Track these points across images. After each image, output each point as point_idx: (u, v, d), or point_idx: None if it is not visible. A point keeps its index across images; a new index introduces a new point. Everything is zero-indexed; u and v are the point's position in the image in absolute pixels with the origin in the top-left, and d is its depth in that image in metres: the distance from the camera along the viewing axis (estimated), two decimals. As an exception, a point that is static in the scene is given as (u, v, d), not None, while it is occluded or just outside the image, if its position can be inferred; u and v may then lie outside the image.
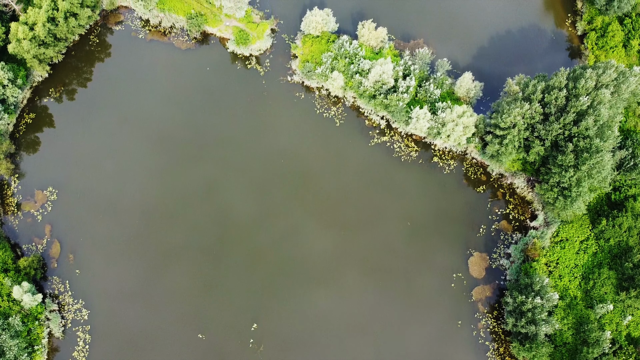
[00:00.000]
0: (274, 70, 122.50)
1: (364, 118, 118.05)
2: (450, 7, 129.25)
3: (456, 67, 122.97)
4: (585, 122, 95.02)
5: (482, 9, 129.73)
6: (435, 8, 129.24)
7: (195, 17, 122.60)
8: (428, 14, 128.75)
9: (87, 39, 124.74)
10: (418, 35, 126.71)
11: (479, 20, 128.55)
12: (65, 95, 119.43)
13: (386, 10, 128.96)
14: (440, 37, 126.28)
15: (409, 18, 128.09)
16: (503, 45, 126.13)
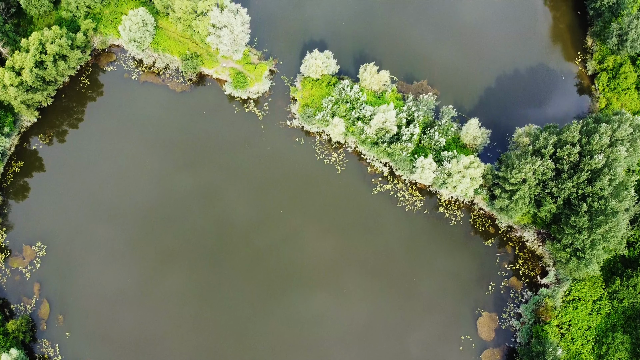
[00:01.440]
0: (273, 114, 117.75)
1: (367, 165, 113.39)
2: (455, 47, 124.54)
3: (461, 109, 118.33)
4: (600, 182, 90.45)
5: (489, 49, 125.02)
6: (439, 49, 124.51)
7: (191, 58, 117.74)
8: (432, 54, 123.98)
9: (77, 80, 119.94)
10: (422, 76, 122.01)
11: (485, 60, 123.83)
12: (55, 141, 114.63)
13: (389, 50, 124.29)
14: (444, 78, 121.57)
15: (413, 59, 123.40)
16: (511, 86, 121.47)
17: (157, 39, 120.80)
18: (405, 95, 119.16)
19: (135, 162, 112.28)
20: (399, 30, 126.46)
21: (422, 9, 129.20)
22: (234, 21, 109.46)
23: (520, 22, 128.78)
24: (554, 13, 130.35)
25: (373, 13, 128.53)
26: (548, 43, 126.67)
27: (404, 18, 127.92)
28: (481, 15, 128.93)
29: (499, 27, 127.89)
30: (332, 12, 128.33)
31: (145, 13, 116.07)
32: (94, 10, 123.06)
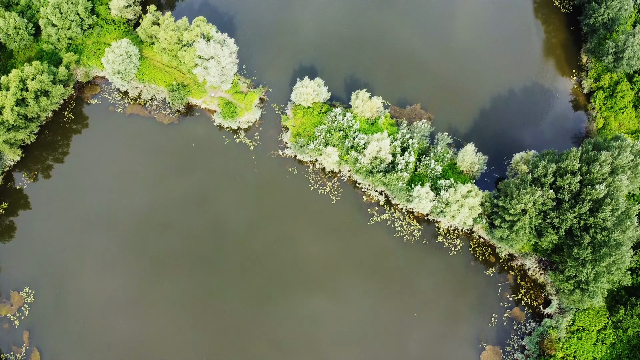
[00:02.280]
0: (264, 143, 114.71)
1: (362, 194, 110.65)
2: (448, 70, 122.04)
3: (456, 133, 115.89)
4: (602, 213, 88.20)
5: (482, 69, 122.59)
6: (431, 71, 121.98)
7: (178, 89, 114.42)
8: (424, 77, 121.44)
9: (61, 114, 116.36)
10: (414, 100, 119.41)
11: (478, 81, 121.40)
12: (40, 179, 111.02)
13: (380, 74, 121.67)
14: (438, 101, 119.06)
15: (405, 82, 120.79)
16: (505, 107, 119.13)
17: (143, 69, 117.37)
18: (399, 120, 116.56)
19: (123, 198, 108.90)
20: (390, 54, 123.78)
21: (414, 32, 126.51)
22: (221, 52, 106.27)
23: (513, 41, 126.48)
24: (547, 30, 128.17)
25: (363, 37, 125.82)
26: (542, 61, 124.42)
27: (395, 41, 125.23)
28: (473, 36, 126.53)
29: (491, 47, 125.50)
30: (322, 37, 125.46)
31: (128, 45, 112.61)
32: (76, 41, 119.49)
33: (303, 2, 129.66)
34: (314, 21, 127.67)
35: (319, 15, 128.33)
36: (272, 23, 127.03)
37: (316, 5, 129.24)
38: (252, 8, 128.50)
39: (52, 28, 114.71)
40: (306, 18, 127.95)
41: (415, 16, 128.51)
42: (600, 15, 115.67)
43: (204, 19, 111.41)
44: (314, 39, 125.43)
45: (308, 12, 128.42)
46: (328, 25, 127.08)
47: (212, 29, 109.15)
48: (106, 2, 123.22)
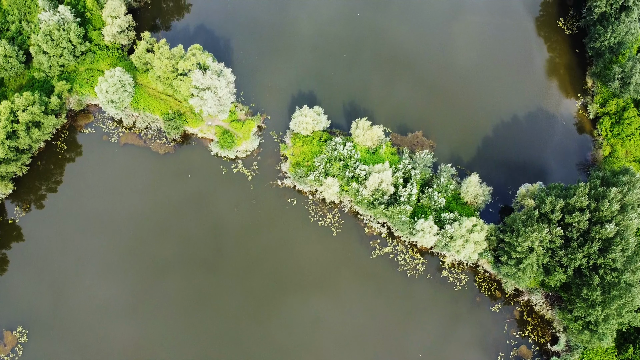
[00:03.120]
0: (263, 173, 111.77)
1: (364, 225, 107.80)
2: (450, 95, 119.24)
3: (459, 161, 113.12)
4: (612, 254, 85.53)
5: (485, 94, 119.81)
6: (433, 96, 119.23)
7: (174, 118, 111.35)
8: (426, 103, 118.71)
9: (53, 145, 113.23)
10: (416, 127, 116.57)
11: (482, 106, 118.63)
12: (33, 212, 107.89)
13: (381, 100, 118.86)
14: (440, 128, 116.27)
15: (406, 109, 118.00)
16: (509, 134, 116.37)
17: (137, 97, 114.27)
18: (400, 148, 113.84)
19: (118, 232, 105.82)
20: (391, 80, 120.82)
21: (415, 56, 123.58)
22: (218, 83, 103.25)
23: (517, 63, 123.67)
24: (551, 52, 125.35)
25: (363, 62, 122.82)
26: (546, 85, 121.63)
27: (396, 67, 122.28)
28: (475, 58, 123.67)
29: (494, 70, 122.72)
30: (321, 61, 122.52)
31: (122, 73, 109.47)
32: (69, 68, 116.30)
33: (301, 27, 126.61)
34: (313, 45, 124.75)
35: (318, 39, 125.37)
36: (270, 48, 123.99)
37: (315, 29, 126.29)
38: (249, 33, 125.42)
39: (44, 56, 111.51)
40: (305, 42, 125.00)
41: (417, 39, 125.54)
42: (607, 39, 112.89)
43: (199, 47, 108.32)
44: (313, 64, 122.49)
45: (307, 37, 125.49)
46: (327, 50, 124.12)
47: (209, 59, 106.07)
48: (99, 27, 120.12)
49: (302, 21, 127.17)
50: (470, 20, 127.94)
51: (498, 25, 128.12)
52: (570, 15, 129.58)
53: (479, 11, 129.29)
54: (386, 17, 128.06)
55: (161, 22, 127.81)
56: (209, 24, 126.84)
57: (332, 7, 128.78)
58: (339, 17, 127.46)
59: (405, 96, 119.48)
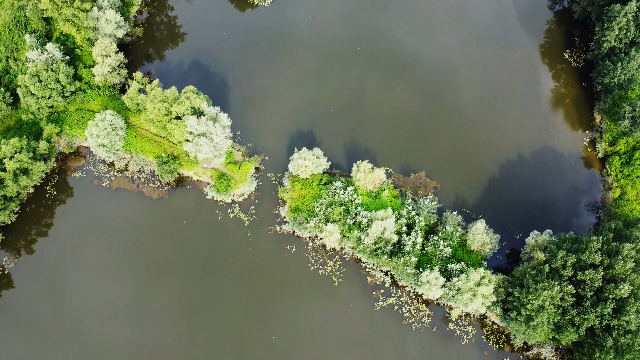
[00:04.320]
0: (260, 218, 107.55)
1: (366, 274, 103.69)
2: (453, 133, 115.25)
3: (464, 203, 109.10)
4: (626, 315, 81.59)
5: (490, 132, 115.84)
6: (436, 135, 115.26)
7: (168, 161, 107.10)
8: (429, 142, 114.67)
9: (43, 190, 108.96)
10: (419, 167, 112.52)
11: (486, 144, 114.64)
12: (23, 261, 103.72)
13: (382, 139, 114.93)
14: (444, 167, 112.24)
15: (408, 148, 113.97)
16: (516, 173, 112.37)
17: (129, 139, 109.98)
18: (403, 189, 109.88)
19: (110, 281, 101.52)
20: (392, 118, 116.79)
21: (416, 93, 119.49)
22: (214, 129, 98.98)
23: (522, 98, 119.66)
24: (558, 86, 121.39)
25: (363, 100, 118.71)
26: (553, 121, 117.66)
27: (397, 103, 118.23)
28: (480, 95, 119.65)
29: (499, 106, 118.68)
30: (320, 98, 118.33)
31: (113, 117, 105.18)
32: (58, 108, 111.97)
33: (299, 62, 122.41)
34: (311, 81, 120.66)
35: (316, 75, 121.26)
36: (268, 84, 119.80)
37: (314, 66, 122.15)
38: (245, 70, 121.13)
39: (32, 98, 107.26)
40: (303, 79, 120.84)
41: (417, 75, 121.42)
42: (616, 76, 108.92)
43: (194, 89, 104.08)
44: (312, 103, 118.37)
45: (305, 73, 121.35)
46: (326, 85, 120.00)
47: (204, 103, 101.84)
48: (90, 64, 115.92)
49: (301, 57, 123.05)
50: (475, 53, 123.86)
51: (503, 58, 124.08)
52: (576, 47, 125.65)
53: (483, 43, 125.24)
54: (386, 54, 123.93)
55: (154, 56, 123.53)
56: (204, 58, 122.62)
57: (331, 41, 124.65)
58: (338, 52, 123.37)
59: (408, 135, 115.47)
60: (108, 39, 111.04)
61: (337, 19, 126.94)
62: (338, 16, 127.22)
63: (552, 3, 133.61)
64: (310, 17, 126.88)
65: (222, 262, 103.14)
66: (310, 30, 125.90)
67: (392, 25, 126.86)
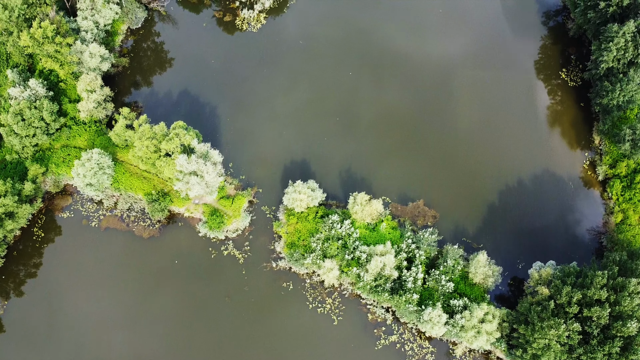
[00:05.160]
0: (255, 254, 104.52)
1: (367, 311, 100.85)
2: (450, 159, 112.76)
3: (464, 232, 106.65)
4: (635, 355, 79.52)
5: (486, 155, 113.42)
6: (433, 162, 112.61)
7: (158, 199, 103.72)
8: (426, 169, 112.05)
9: (30, 232, 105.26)
10: (417, 195, 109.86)
11: (484, 169, 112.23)
12: (11, 308, 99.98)
13: (378, 167, 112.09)
14: (442, 195, 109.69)
15: (405, 175, 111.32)
16: (516, 199, 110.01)
17: (118, 176, 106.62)
18: (401, 219, 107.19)
19: (102, 326, 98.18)
20: (388, 144, 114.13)
21: (413, 118, 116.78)
22: (205, 167, 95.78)
23: (519, 119, 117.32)
24: (555, 106, 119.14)
25: (358, 126, 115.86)
26: (552, 144, 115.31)
27: (393, 129, 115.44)
28: (477, 119, 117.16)
29: (497, 130, 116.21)
30: (313, 127, 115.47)
31: (100, 156, 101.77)
32: (43, 146, 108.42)
33: (292, 92, 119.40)
34: (304, 109, 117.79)
35: (309, 102, 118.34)
36: (260, 113, 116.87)
37: (305, 93, 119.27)
38: (235, 99, 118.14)
39: (15, 137, 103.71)
40: (295, 107, 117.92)
41: (414, 99, 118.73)
42: (615, 97, 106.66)
43: (183, 125, 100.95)
44: (305, 128, 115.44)
45: (297, 100, 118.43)
46: (320, 113, 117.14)
47: (194, 139, 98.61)
48: (75, 98, 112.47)
49: (293, 84, 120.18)
50: (470, 75, 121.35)
51: (499, 79, 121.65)
52: (572, 65, 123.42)
53: (478, 64, 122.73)
54: (382, 79, 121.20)
55: (141, 87, 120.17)
56: (193, 86, 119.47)
57: (325, 66, 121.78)
58: (331, 77, 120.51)
59: (404, 161, 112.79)
60: (92, 74, 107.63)
61: (330, 44, 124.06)
62: (332, 41, 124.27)
63: (545, 18, 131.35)
64: (301, 42, 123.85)
65: (217, 303, 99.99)
66: (302, 56, 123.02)
67: (390, 55, 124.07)
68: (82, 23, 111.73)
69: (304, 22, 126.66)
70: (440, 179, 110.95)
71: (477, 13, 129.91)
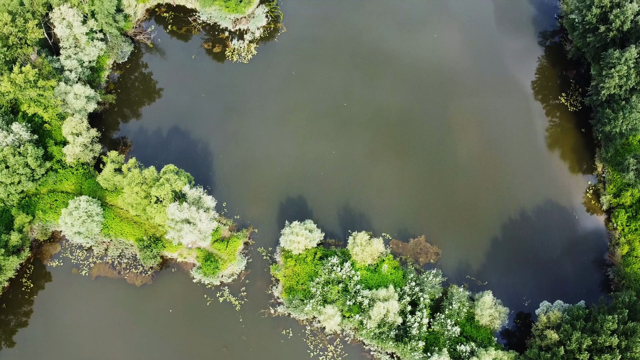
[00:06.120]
0: (253, 300, 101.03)
1: (370, 358, 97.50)
2: (451, 193, 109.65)
3: (468, 269, 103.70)
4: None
5: (488, 188, 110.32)
6: (434, 196, 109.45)
7: (150, 245, 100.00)
8: (426, 203, 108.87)
9: (18, 283, 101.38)
10: (418, 230, 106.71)
11: (485, 201, 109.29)
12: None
13: (377, 202, 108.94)
14: (444, 230, 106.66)
15: (406, 210, 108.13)
16: (519, 232, 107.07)
17: (108, 221, 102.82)
18: (403, 257, 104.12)
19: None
20: (386, 178, 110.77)
21: (411, 150, 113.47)
22: (197, 215, 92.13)
23: (521, 151, 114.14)
24: (556, 132, 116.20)
25: (354, 160, 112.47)
26: (554, 173, 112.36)
27: (391, 163, 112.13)
28: (477, 149, 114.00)
29: (497, 160, 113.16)
30: (309, 161, 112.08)
31: (88, 203, 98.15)
32: (29, 191, 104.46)
33: (284, 122, 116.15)
34: (299, 143, 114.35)
35: (304, 136, 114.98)
36: (252, 148, 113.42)
37: (300, 126, 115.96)
38: (227, 134, 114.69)
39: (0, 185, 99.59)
40: (290, 141, 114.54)
41: (411, 134, 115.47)
42: (618, 125, 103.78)
43: (174, 169, 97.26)
44: (301, 164, 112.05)
45: (292, 134, 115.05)
46: (315, 146, 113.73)
47: (185, 185, 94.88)
48: (60, 139, 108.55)
49: (287, 116, 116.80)
50: (468, 104, 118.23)
51: (497, 106, 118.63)
52: (572, 89, 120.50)
53: (476, 92, 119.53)
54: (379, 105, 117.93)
55: (129, 124, 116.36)
56: (183, 122, 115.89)
57: (319, 97, 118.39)
58: (326, 111, 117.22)
59: (404, 196, 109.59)
60: (78, 116, 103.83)
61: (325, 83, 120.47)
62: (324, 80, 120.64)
63: (542, 39, 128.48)
64: (293, 73, 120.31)
65: (215, 355, 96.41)
66: (295, 87, 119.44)
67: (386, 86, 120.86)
68: (66, 62, 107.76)
69: (296, 53, 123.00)
70: (441, 213, 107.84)
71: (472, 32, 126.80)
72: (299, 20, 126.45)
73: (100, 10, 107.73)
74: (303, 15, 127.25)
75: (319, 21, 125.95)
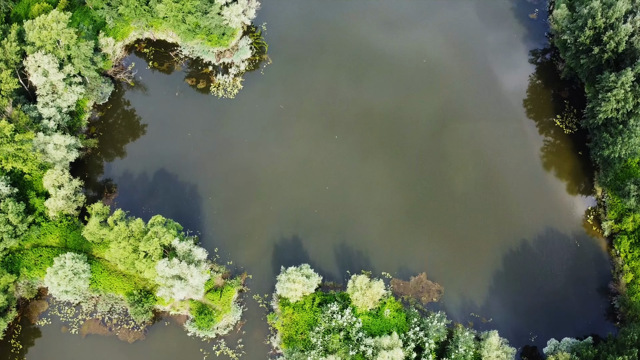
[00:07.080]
0: (251, 352, 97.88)
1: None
2: (450, 227, 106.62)
3: (472, 306, 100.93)
4: None
5: (488, 220, 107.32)
6: (432, 230, 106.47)
7: (140, 300, 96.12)
8: (425, 239, 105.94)
9: (7, 344, 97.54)
10: (419, 268, 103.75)
11: (486, 235, 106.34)
12: None
13: (375, 240, 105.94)
14: (445, 266, 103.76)
15: (405, 248, 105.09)
16: (521, 265, 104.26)
17: (96, 275, 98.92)
18: (405, 297, 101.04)
19: None
20: (383, 213, 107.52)
21: (407, 186, 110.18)
22: (189, 270, 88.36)
23: (518, 180, 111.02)
24: (553, 158, 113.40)
25: (349, 195, 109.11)
26: (553, 200, 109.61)
27: (387, 195, 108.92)
28: (474, 178, 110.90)
29: (496, 190, 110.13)
30: (302, 199, 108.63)
31: (73, 261, 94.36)
32: (12, 248, 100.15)
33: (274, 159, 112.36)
34: (291, 180, 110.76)
35: (296, 172, 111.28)
36: (242, 188, 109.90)
37: (292, 163, 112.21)
38: (216, 175, 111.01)
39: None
40: (280, 178, 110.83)
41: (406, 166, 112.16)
42: (617, 151, 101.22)
43: (161, 220, 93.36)
44: (294, 203, 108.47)
45: (282, 172, 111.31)
46: (307, 182, 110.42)
47: (175, 239, 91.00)
48: (42, 190, 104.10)
49: (276, 154, 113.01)
50: (462, 129, 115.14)
51: (492, 132, 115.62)
52: (566, 111, 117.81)
53: (471, 117, 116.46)
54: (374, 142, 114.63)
55: (113, 168, 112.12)
56: (169, 164, 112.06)
57: (310, 131, 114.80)
58: (316, 145, 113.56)
59: (402, 231, 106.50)
60: (59, 167, 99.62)
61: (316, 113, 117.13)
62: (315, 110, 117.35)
63: (533, 57, 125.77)
64: (281, 107, 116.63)
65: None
66: (285, 122, 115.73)
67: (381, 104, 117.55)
68: (43, 110, 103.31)
69: (282, 85, 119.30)
70: (441, 248, 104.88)
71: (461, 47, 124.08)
72: (284, 48, 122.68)
73: (77, 55, 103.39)
74: (289, 43, 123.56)
75: (305, 52, 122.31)
